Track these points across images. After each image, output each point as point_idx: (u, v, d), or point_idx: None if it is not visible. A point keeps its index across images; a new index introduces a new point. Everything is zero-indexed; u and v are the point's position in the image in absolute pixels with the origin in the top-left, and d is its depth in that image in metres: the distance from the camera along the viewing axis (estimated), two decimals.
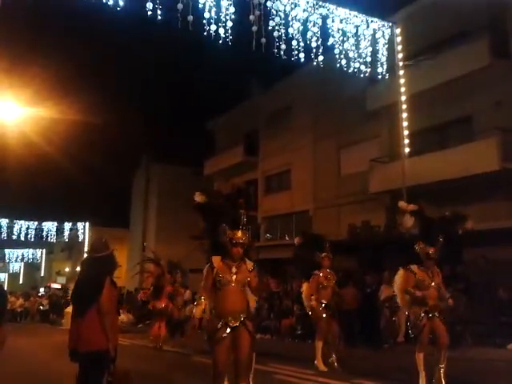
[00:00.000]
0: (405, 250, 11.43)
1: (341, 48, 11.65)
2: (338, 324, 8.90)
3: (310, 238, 9.60)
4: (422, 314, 6.72)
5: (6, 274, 56.69)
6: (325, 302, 8.46)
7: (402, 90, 13.10)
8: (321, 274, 8.59)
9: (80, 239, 38.77)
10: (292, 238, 21.86)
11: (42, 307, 25.81)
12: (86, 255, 5.46)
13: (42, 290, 35.04)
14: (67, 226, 38.72)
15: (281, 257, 20.67)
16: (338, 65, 11.78)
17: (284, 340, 13.77)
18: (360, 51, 11.92)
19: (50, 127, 18.77)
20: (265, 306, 15.81)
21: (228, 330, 4.89)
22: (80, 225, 38.96)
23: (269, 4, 10.22)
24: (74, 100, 19.53)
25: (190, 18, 9.13)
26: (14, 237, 37.57)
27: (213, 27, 9.46)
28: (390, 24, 12.88)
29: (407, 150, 12.95)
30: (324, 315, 8.38)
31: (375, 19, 12.51)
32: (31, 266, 58.60)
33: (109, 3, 9.14)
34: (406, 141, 12.94)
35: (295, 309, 14.21)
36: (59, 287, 34.63)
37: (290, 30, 10.54)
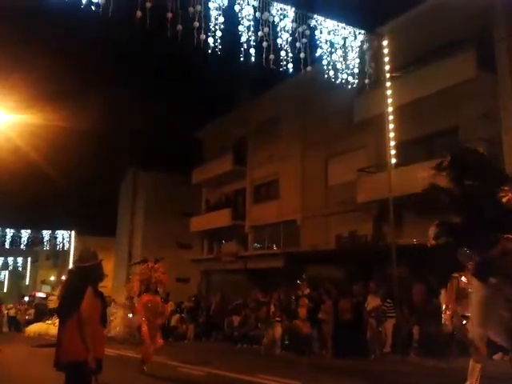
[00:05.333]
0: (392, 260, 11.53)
1: (329, 59, 11.74)
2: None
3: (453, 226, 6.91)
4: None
5: None
6: (469, 314, 6.14)
7: (389, 101, 13.22)
8: (463, 278, 6.52)
9: (66, 247, 38.41)
10: (280, 248, 21.93)
11: (27, 317, 25.45)
12: (72, 265, 5.44)
13: (26, 298, 34.54)
14: (53, 234, 38.34)
15: (268, 266, 20.67)
16: (326, 76, 11.86)
17: (271, 350, 13.69)
18: (347, 62, 12.02)
19: (35, 134, 18.64)
20: (252, 316, 15.75)
21: None
22: (66, 233, 38.61)
23: (258, 14, 10.28)
24: (59, 107, 19.41)
25: (180, 27, 9.15)
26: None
27: (202, 37, 9.48)
28: (378, 36, 13.03)
29: (394, 160, 13.05)
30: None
31: (363, 31, 12.63)
32: (16, 275, 57.82)
33: (98, 11, 9.11)
34: (393, 151, 13.04)
35: (282, 319, 14.17)
36: (44, 296, 34.18)
37: (279, 41, 10.60)
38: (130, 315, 16.35)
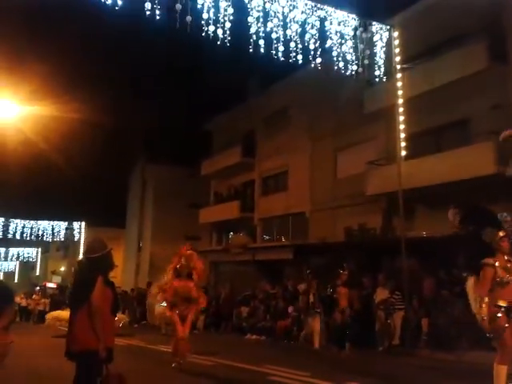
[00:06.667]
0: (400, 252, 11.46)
1: (338, 50, 11.67)
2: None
3: (476, 210, 6.68)
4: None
5: (1, 273, 56.53)
6: (504, 304, 5.49)
7: (400, 92, 13.13)
8: (497, 264, 5.59)
9: (76, 239, 38.75)
10: (288, 240, 21.96)
11: (41, 308, 25.61)
12: (82, 256, 5.49)
13: (37, 288, 34.93)
14: (63, 225, 38.67)
15: (277, 258, 20.72)
16: (336, 67, 11.80)
17: (279, 342, 13.77)
18: (358, 54, 11.94)
19: (47, 126, 18.77)
20: (261, 307, 15.82)
21: None
22: (76, 224, 38.94)
23: (267, 6, 10.23)
24: (71, 99, 19.48)
25: (189, 18, 9.13)
26: (10, 235, 37.49)
27: (211, 28, 9.46)
28: (388, 27, 12.92)
29: (404, 152, 12.99)
30: (507, 325, 5.45)
31: (373, 22, 12.54)
32: (26, 265, 58.46)
33: (107, 3, 9.12)
34: (403, 143, 12.97)
35: (291, 310, 14.23)
36: (54, 286, 34.54)
37: (288, 32, 10.55)
38: (163, 304, 16.41)
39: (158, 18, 9.28)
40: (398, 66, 13.14)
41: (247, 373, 8.59)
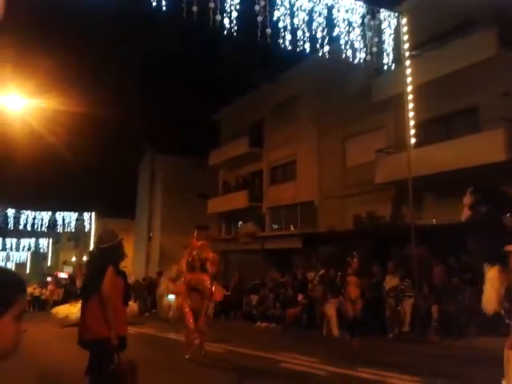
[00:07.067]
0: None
1: (346, 38, 11.60)
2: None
3: (492, 192, 5.95)
4: None
5: (13, 264, 57.20)
6: None
7: (408, 80, 13.04)
8: None
9: (86, 229, 39.13)
10: (297, 229, 22.01)
11: (55, 298, 25.86)
12: (92, 246, 5.57)
13: (48, 278, 35.38)
14: (73, 216, 39.03)
15: (286, 247, 20.80)
16: (344, 55, 11.73)
17: (289, 329, 13.88)
18: (366, 41, 11.86)
19: (55, 118, 18.87)
20: (270, 295, 15.93)
21: None
22: (86, 215, 39.29)
23: None
24: (78, 91, 19.58)
25: (195, 8, 9.12)
26: (21, 227, 37.93)
27: (218, 17, 9.44)
28: (396, 14, 12.81)
29: (413, 140, 12.93)
30: None
31: (381, 9, 12.43)
32: (38, 256, 59.13)
33: None
34: (412, 131, 12.91)
35: (300, 298, 14.31)
36: (66, 276, 34.94)
37: (295, 21, 10.51)
38: (171, 296, 16.55)
39: (164, 8, 9.30)
40: (407, 54, 13.04)
41: (259, 360, 8.69)
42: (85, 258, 35.17)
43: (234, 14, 9.59)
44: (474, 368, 7.68)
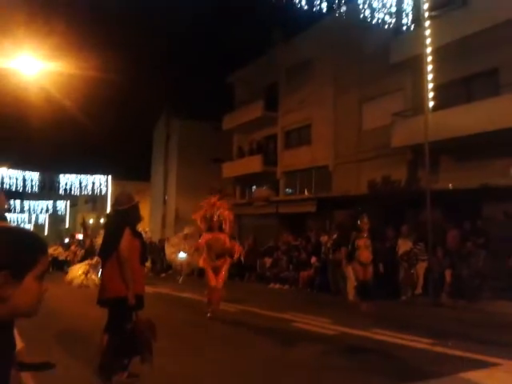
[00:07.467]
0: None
1: None
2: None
3: None
4: None
5: (32, 226, 58.39)
6: None
7: (428, 41, 12.68)
8: None
9: (103, 192, 39.65)
10: (311, 193, 22.01)
11: (78, 259, 26.34)
12: (110, 209, 5.67)
13: (66, 240, 36.10)
14: (90, 179, 39.52)
15: (300, 211, 20.88)
16: (362, 15, 11.43)
17: (302, 290, 14.09)
18: (384, 1, 11.52)
19: (70, 82, 18.83)
20: (283, 258, 16.12)
21: None
22: (103, 178, 39.75)
23: None
24: (93, 55, 19.47)
25: None
26: (39, 189, 38.54)
27: None
28: None
29: (431, 103, 12.68)
30: None
31: None
32: (56, 218, 60.22)
33: None
34: (431, 94, 12.64)
35: (313, 261, 14.47)
36: (81, 238, 35.57)
37: None
38: (182, 255, 16.80)
39: None
40: (426, 14, 12.64)
41: (272, 319, 8.88)
42: (102, 220, 35.75)
43: None
44: (487, 331, 7.78)
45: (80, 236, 25.95)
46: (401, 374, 5.17)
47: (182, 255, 16.75)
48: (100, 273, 5.20)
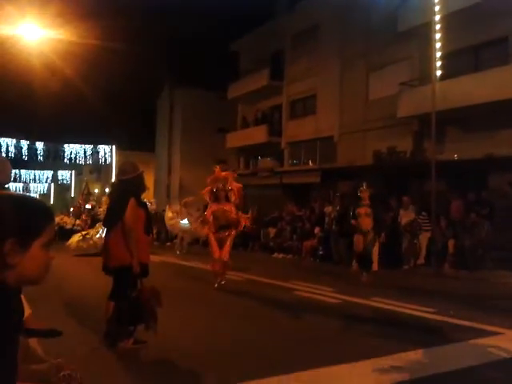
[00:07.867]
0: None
1: None
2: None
3: None
4: None
5: (37, 195, 58.72)
6: None
7: (436, 9, 12.39)
8: None
9: (108, 162, 39.74)
10: (316, 164, 21.94)
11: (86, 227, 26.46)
12: (114, 178, 5.68)
13: (71, 209, 36.33)
14: (95, 148, 39.57)
15: (304, 181, 20.86)
16: None
17: (305, 260, 14.21)
18: None
19: (73, 51, 18.60)
20: (287, 228, 16.19)
21: None
22: (107, 148, 39.77)
23: None
24: (96, 24, 19.14)
25: None
26: (44, 158, 38.64)
27: None
28: None
29: (439, 72, 12.47)
30: None
31: None
32: (61, 187, 60.52)
33: None
34: (438, 63, 12.42)
35: (317, 231, 14.53)
36: (90, 207, 35.78)
37: None
38: (184, 221, 16.80)
39: None
40: None
41: (275, 288, 8.98)
42: (107, 190, 35.88)
43: None
44: (489, 301, 7.85)
45: (86, 206, 25.96)
46: (403, 341, 5.24)
47: (185, 222, 16.71)
48: (104, 241, 5.25)
